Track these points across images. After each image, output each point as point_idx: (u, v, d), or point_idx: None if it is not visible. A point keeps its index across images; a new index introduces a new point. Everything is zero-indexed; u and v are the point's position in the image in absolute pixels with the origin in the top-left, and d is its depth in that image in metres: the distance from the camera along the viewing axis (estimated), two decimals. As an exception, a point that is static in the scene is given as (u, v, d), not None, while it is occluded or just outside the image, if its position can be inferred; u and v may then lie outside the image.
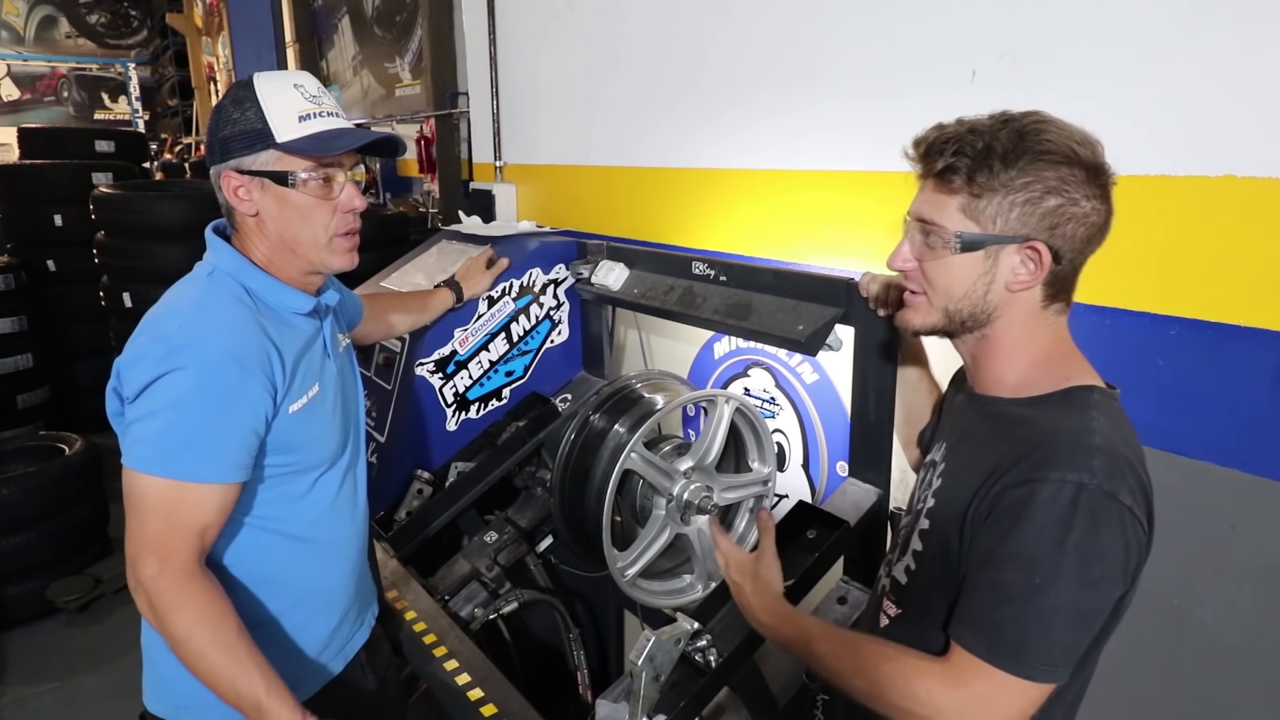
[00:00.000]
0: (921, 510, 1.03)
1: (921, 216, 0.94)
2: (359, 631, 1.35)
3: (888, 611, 1.07)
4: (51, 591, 3.17)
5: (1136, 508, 0.83)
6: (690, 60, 2.03)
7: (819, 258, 1.75)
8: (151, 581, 1.00)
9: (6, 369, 4.51)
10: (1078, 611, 0.83)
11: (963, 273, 0.92)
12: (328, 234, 1.15)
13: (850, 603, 1.44)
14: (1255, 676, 1.20)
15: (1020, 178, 0.86)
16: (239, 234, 1.17)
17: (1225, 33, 1.11)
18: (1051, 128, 0.87)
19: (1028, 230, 0.88)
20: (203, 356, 1.01)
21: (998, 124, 0.89)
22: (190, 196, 4.00)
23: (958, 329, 0.97)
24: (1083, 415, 0.88)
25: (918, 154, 0.94)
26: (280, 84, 1.12)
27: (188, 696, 1.17)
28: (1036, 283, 0.90)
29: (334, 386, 1.24)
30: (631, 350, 2.37)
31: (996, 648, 0.84)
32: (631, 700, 1.10)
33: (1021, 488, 0.85)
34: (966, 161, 0.88)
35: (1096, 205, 0.88)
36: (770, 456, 1.70)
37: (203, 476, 1.02)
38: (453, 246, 2.23)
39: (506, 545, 1.91)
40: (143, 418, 1.01)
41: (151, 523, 1.01)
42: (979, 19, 1.40)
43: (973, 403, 1.03)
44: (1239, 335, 1.14)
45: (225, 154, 1.11)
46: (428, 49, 4.20)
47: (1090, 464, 0.82)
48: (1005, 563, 0.85)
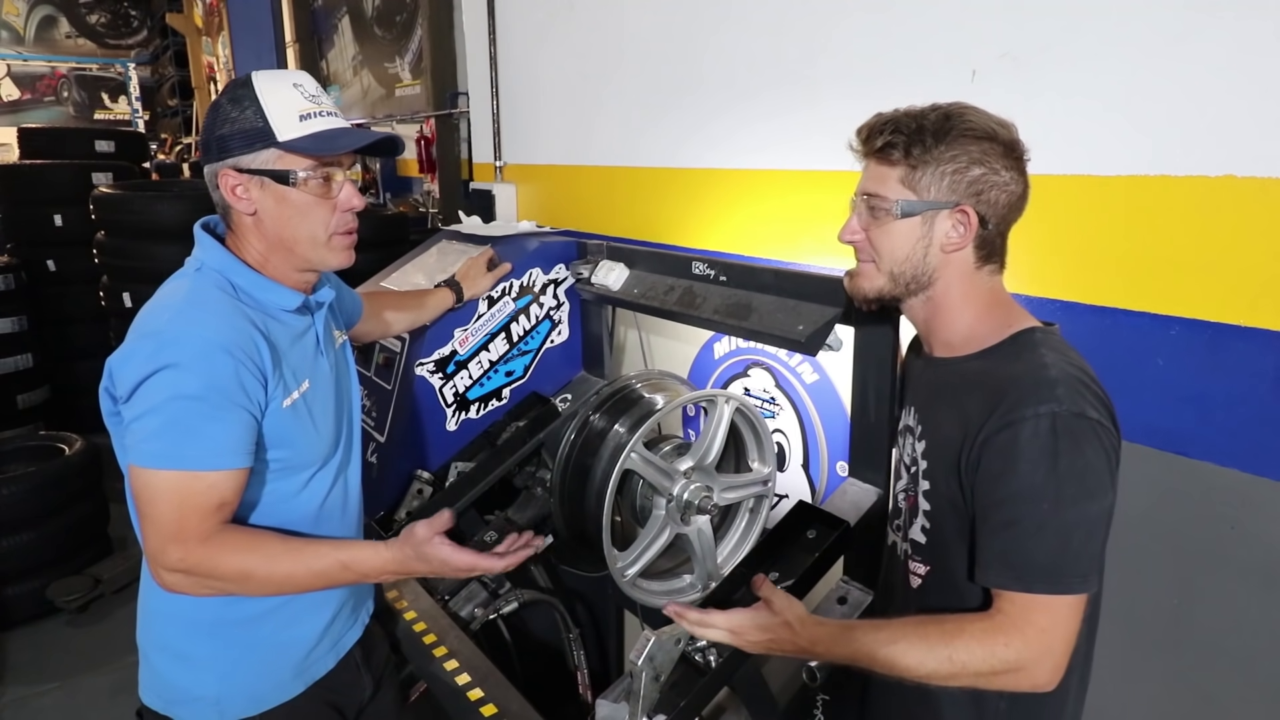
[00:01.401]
0: (917, 473, 1.11)
1: (867, 191, 1.06)
2: (351, 629, 1.35)
3: (916, 572, 1.12)
4: (51, 591, 3.17)
5: (1103, 419, 0.93)
6: (690, 60, 2.03)
7: (819, 258, 1.75)
8: (181, 562, 1.02)
9: (6, 369, 4.51)
10: (1088, 520, 0.92)
11: (904, 237, 1.04)
12: (327, 232, 1.15)
13: (850, 602, 1.44)
14: (1255, 676, 1.20)
15: (949, 151, 0.99)
16: (234, 233, 1.16)
17: (1225, 33, 1.11)
18: (973, 111, 1.01)
19: (957, 196, 1.00)
20: (192, 349, 1.01)
21: (928, 109, 1.02)
22: (190, 196, 4.00)
23: (903, 292, 1.08)
24: (1033, 354, 0.99)
25: (860, 139, 1.07)
26: (280, 83, 1.11)
27: (176, 691, 1.19)
28: (967, 243, 1.02)
29: (327, 384, 1.24)
30: (631, 350, 2.37)
31: (1032, 577, 0.92)
32: (631, 700, 1.10)
33: (1003, 432, 0.94)
34: (903, 138, 1.00)
35: (1014, 176, 1.00)
36: (770, 456, 1.70)
37: (211, 464, 1.02)
38: (453, 246, 2.22)
39: (506, 545, 1.91)
40: (142, 415, 1.01)
41: (167, 514, 1.01)
42: (979, 19, 1.40)
43: (932, 366, 1.13)
44: (1239, 335, 1.14)
45: (223, 152, 1.10)
46: (428, 49, 4.20)
47: (1055, 394, 0.92)
48: (1011, 502, 0.93)
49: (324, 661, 1.28)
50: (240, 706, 1.18)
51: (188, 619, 1.16)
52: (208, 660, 1.17)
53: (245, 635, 1.17)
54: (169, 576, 1.03)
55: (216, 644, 1.17)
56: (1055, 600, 0.92)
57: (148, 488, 1.01)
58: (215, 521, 1.04)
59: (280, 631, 1.20)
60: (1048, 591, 0.92)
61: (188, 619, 1.16)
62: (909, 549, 1.14)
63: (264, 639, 1.19)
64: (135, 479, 1.03)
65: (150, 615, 1.20)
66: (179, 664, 1.18)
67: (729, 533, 1.75)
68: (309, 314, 1.22)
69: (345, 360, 1.35)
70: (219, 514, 1.04)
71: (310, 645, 1.25)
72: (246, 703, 1.19)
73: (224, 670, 1.18)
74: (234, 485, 1.05)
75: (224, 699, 1.18)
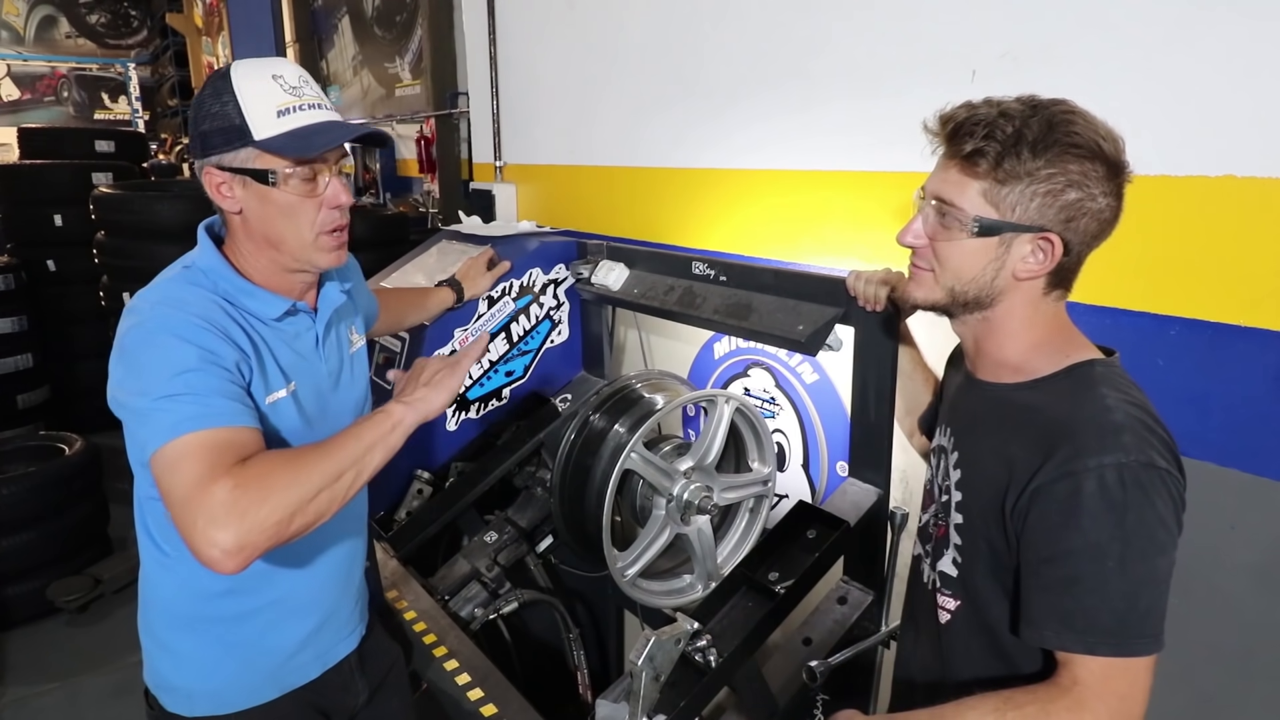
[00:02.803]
0: (949, 503, 1.03)
1: (940, 196, 0.94)
2: (344, 640, 1.30)
3: (945, 606, 1.06)
4: (51, 591, 3.17)
5: (1170, 465, 0.86)
6: (690, 60, 2.03)
7: (819, 258, 1.75)
8: (232, 491, 0.89)
9: (6, 369, 4.51)
10: (1155, 578, 0.85)
11: (974, 256, 0.92)
12: (313, 232, 1.10)
13: (850, 603, 1.44)
14: (1255, 676, 1.20)
15: (1046, 169, 0.86)
16: (229, 233, 1.13)
17: (1225, 33, 1.11)
18: (1080, 119, 0.87)
19: (1044, 221, 0.88)
20: (175, 324, 0.99)
21: (1028, 110, 0.88)
22: (190, 196, 3.99)
23: (959, 309, 0.98)
24: (1092, 394, 0.89)
25: (944, 132, 0.93)
26: (257, 74, 1.05)
27: (158, 676, 1.20)
28: (1044, 272, 0.91)
29: (324, 385, 1.20)
30: (631, 350, 2.37)
31: (1098, 640, 0.85)
32: (631, 700, 1.10)
33: (1062, 483, 0.86)
34: (996, 147, 0.87)
35: (1111, 202, 0.88)
36: (770, 456, 1.70)
37: (226, 420, 0.97)
38: (453, 246, 2.22)
39: (506, 545, 1.91)
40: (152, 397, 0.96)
41: (198, 465, 0.91)
42: (979, 19, 1.40)
43: (975, 388, 1.04)
44: (1239, 335, 1.14)
45: (205, 149, 1.06)
46: (428, 49, 4.20)
47: (1120, 442, 0.84)
48: (1072, 557, 0.86)
49: (306, 670, 1.24)
50: (208, 704, 1.18)
51: (172, 611, 1.16)
52: (186, 654, 1.17)
53: (225, 635, 1.16)
54: (222, 530, 0.88)
55: (195, 640, 1.16)
56: (1132, 664, 0.85)
57: (171, 462, 0.93)
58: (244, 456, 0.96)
59: (261, 635, 1.18)
60: (1118, 654, 0.85)
61: (172, 611, 1.16)
62: (937, 580, 1.07)
63: (243, 641, 1.17)
64: (159, 461, 0.94)
65: (144, 602, 1.20)
66: (161, 652, 1.19)
67: (729, 533, 1.76)
68: (308, 317, 1.19)
69: (353, 366, 1.30)
70: (247, 452, 0.97)
71: (290, 652, 1.22)
72: (213, 701, 1.18)
73: (199, 666, 1.17)
74: (254, 442, 0.98)
75: (194, 693, 1.18)
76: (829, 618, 1.43)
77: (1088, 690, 0.86)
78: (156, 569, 1.15)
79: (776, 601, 1.26)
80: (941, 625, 1.06)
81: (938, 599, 1.07)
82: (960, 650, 1.04)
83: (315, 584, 1.23)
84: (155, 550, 1.14)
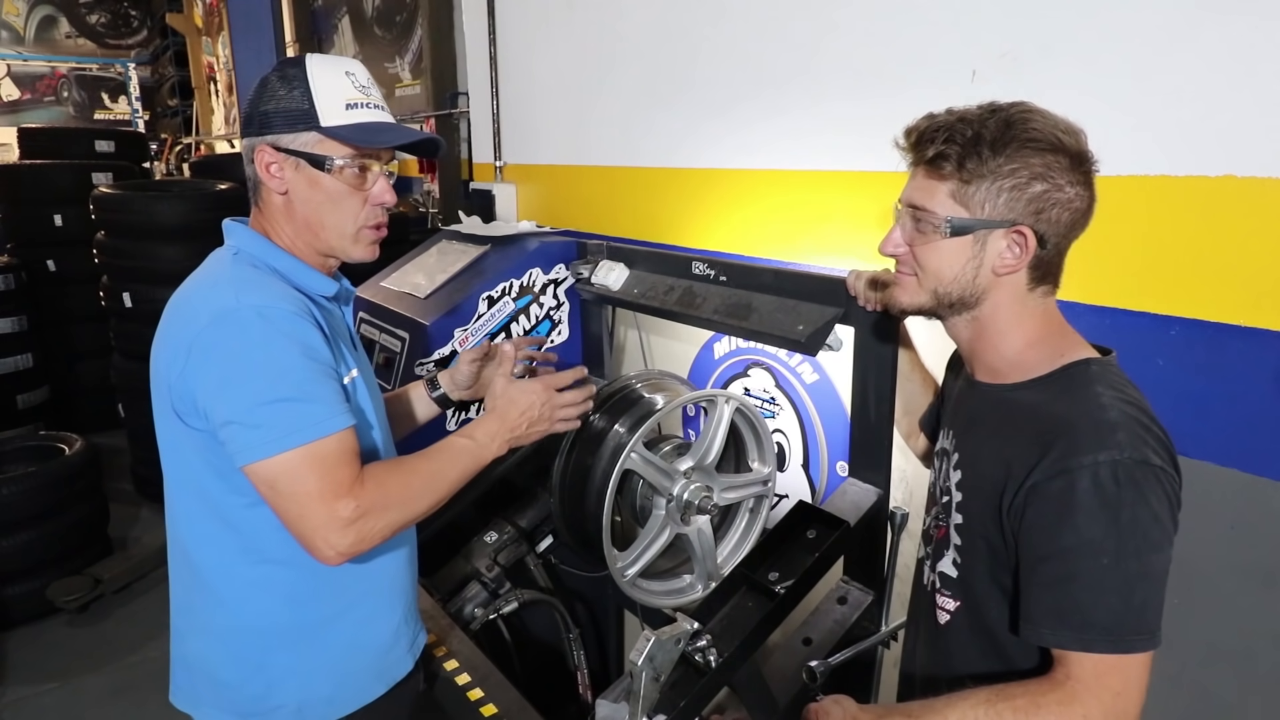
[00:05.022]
0: (950, 504, 1.04)
1: (913, 203, 0.97)
2: (422, 631, 1.33)
3: (945, 607, 1.07)
4: (51, 591, 3.17)
5: (1165, 463, 0.87)
6: (690, 60, 2.03)
7: (819, 258, 1.75)
8: (357, 509, 1.00)
9: (6, 369, 4.51)
10: (1150, 574, 0.86)
11: (952, 256, 0.95)
12: (355, 225, 1.14)
13: (850, 602, 1.44)
14: (1255, 676, 1.20)
15: (1007, 164, 0.89)
16: (261, 212, 1.15)
17: (1225, 33, 1.11)
18: (1037, 117, 0.90)
19: (1014, 215, 0.91)
20: (273, 320, 1.00)
21: (986, 113, 0.92)
22: (190, 196, 4.00)
23: (946, 311, 1.01)
24: (1087, 393, 0.91)
25: (909, 143, 0.97)
26: (332, 69, 1.10)
27: (253, 703, 1.16)
28: (1022, 266, 0.94)
29: (369, 376, 1.23)
30: (631, 350, 2.37)
31: (1095, 637, 0.86)
32: (631, 700, 1.10)
33: (1057, 480, 0.87)
34: (956, 149, 0.91)
35: (1080, 191, 0.91)
36: (770, 456, 1.70)
37: (333, 427, 1.01)
38: (453, 246, 2.23)
39: (506, 545, 1.91)
40: (256, 403, 0.98)
41: (318, 481, 0.99)
42: (979, 19, 1.40)
43: (974, 389, 1.06)
44: (1239, 335, 1.14)
45: (264, 128, 1.09)
46: (428, 49, 4.19)
47: (1115, 439, 0.85)
48: (1067, 555, 0.87)
49: (403, 663, 1.26)
50: (321, 712, 1.17)
51: (261, 629, 1.13)
52: (286, 668, 1.15)
53: (320, 639, 1.16)
54: (342, 537, 0.99)
55: (293, 652, 1.15)
56: (1127, 661, 0.86)
57: (287, 472, 0.98)
58: (358, 466, 1.03)
59: (354, 634, 1.19)
60: (1113, 651, 0.86)
61: (261, 629, 1.13)
62: (937, 581, 1.08)
63: (339, 642, 1.17)
64: (265, 472, 0.99)
65: (220, 633, 1.15)
66: (258, 675, 1.15)
67: (729, 533, 1.75)
68: (340, 303, 1.21)
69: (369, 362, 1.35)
70: (357, 460, 1.04)
71: (386, 646, 1.23)
72: (327, 708, 1.17)
73: (302, 677, 1.16)
74: (355, 441, 1.05)
75: (305, 706, 1.16)
76: (829, 618, 1.43)
77: (1081, 685, 0.87)
78: (249, 589, 1.12)
79: (776, 601, 1.25)
80: (941, 626, 1.07)
81: (937, 600, 1.08)
82: (959, 651, 1.04)
83: (398, 572, 1.26)
84: (248, 567, 1.11)
